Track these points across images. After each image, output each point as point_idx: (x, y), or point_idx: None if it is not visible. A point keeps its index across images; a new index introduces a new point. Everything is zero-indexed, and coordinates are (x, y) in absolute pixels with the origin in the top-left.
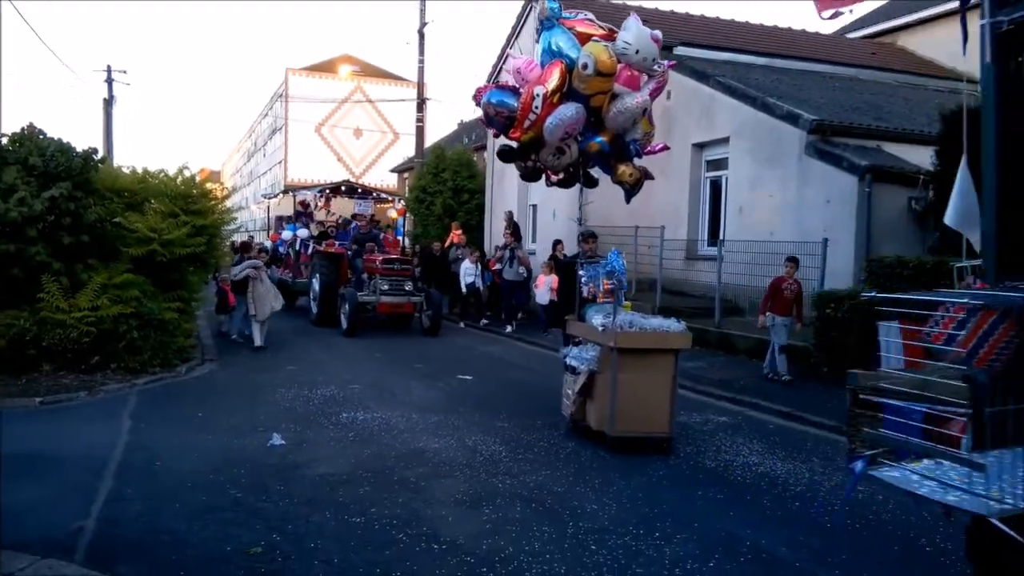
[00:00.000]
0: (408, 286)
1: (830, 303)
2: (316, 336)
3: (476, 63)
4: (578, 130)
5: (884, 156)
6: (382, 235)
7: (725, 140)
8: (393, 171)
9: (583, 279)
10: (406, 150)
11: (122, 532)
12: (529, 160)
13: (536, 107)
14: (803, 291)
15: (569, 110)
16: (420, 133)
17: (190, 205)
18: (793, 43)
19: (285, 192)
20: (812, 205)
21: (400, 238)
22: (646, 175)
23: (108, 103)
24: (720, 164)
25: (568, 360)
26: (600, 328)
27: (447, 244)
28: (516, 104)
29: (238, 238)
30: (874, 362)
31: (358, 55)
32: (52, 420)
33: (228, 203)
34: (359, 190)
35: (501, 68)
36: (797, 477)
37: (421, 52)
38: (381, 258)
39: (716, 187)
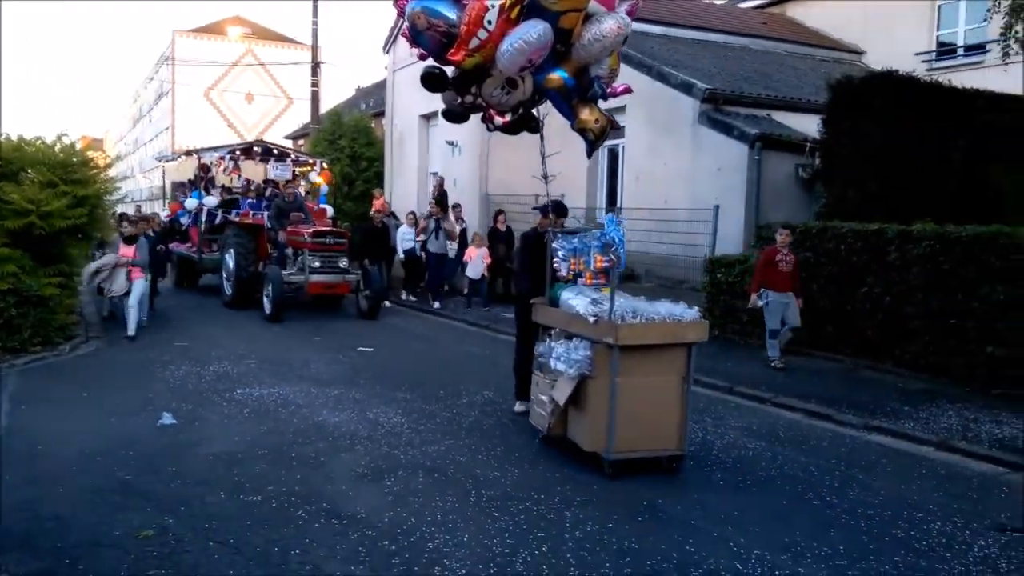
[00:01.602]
0: (343, 263)
1: (721, 268)
2: (228, 319)
3: (373, 25)
4: (542, 58)
5: (773, 124)
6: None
7: (622, 109)
8: (287, 138)
9: (560, 254)
10: (301, 116)
11: (2, 520)
12: (468, 95)
13: (488, 23)
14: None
15: (534, 30)
16: (315, 98)
17: (70, 174)
18: (688, 12)
19: (188, 154)
20: (705, 173)
21: (326, 207)
22: (613, 124)
23: None
24: (617, 132)
25: (553, 362)
26: (592, 319)
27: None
28: (457, 17)
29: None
30: None
31: (249, 17)
32: None
33: (112, 172)
34: (275, 151)
35: (400, 29)
36: (689, 437)
37: (315, 14)
38: (310, 230)
39: (614, 155)
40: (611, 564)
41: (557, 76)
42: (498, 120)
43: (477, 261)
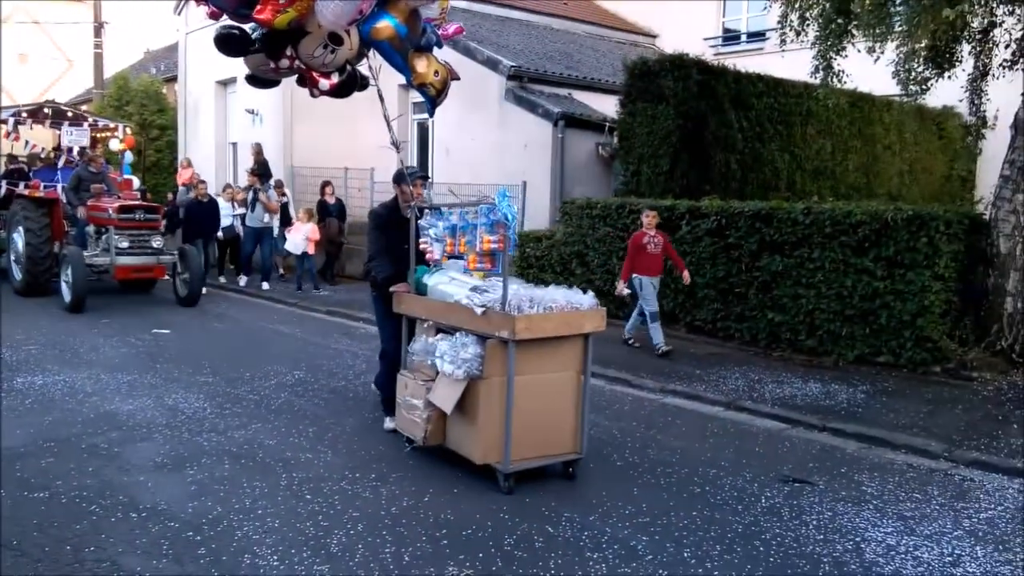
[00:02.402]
0: (157, 242)
1: (530, 242)
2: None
3: None
4: (371, 7)
5: (575, 104)
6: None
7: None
8: (68, 104)
9: (432, 233)
10: (84, 80)
11: None
12: (282, 58)
13: None
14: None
15: None
16: (99, 60)
17: None
18: None
19: None
20: (513, 149)
21: (131, 178)
22: (453, 74)
23: None
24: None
25: (436, 361)
26: (479, 309)
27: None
28: None
29: None
30: None
31: None
32: None
33: None
34: (70, 114)
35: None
36: None
37: None
38: (116, 205)
39: (424, 129)
40: (427, 538)
41: (387, 24)
42: (324, 83)
43: (298, 236)
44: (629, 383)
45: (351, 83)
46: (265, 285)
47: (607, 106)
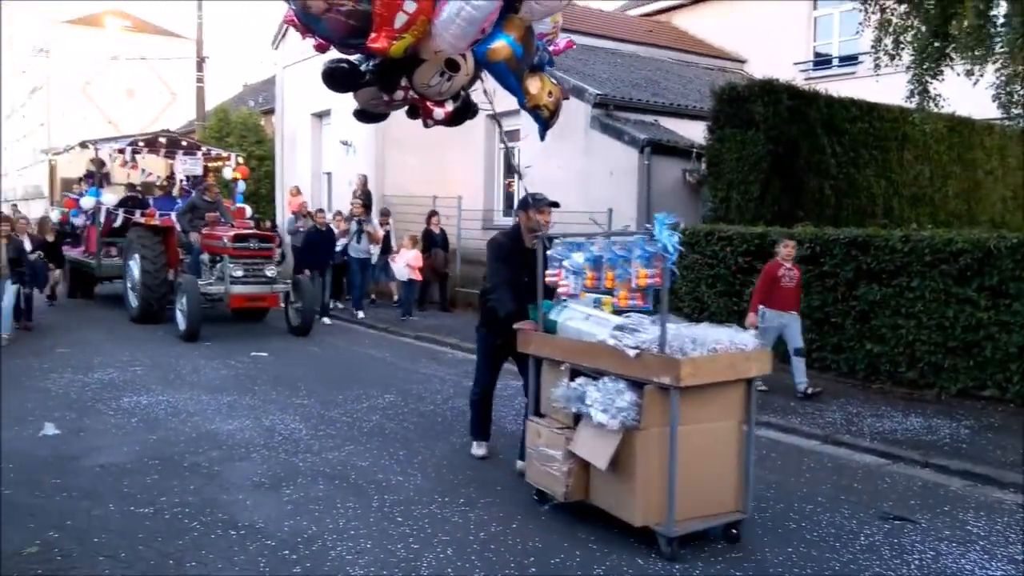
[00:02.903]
0: (270, 271)
1: None
2: (111, 325)
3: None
4: (491, 27)
5: (661, 130)
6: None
7: (517, 112)
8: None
9: (567, 265)
10: (186, 113)
11: None
12: (396, 89)
13: None
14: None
15: None
16: (200, 94)
17: None
18: (578, 19)
19: (83, 146)
20: (598, 176)
21: (244, 206)
22: (564, 94)
23: None
24: (513, 135)
25: (591, 411)
26: (632, 352)
27: (293, 213)
28: None
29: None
30: None
31: (128, 9)
32: None
33: None
34: (184, 143)
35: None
36: None
37: (200, 7)
38: (231, 234)
39: (510, 157)
40: (515, 564)
41: (503, 44)
42: (439, 113)
43: (401, 264)
44: None
45: (465, 110)
46: (360, 313)
47: (694, 132)
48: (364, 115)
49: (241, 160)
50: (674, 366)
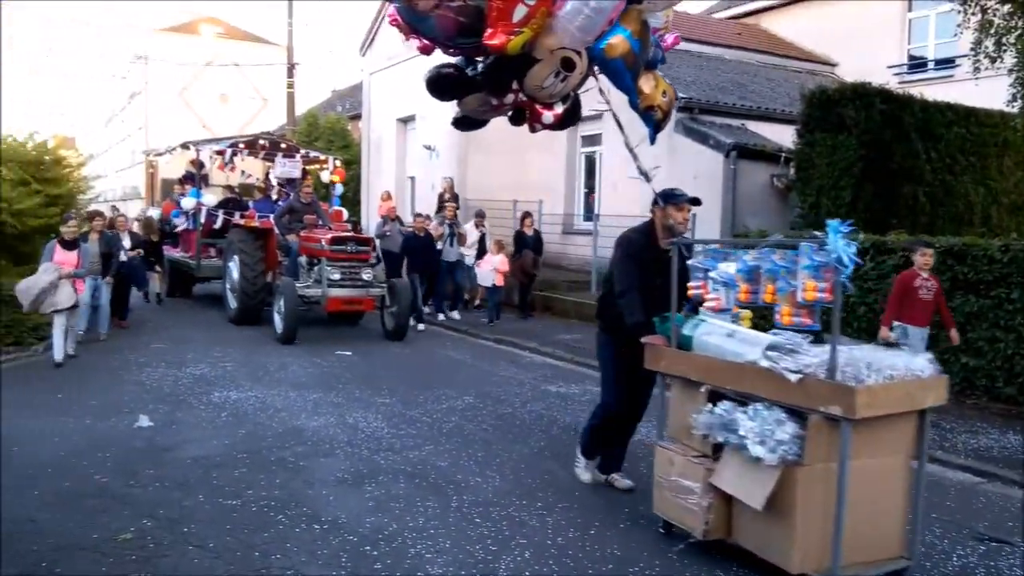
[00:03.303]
0: (367, 274)
1: None
2: (198, 320)
3: (350, 26)
4: (618, 15)
5: (748, 134)
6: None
7: (600, 116)
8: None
9: (715, 276)
10: (276, 117)
11: None
12: (506, 93)
13: None
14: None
15: None
16: (291, 99)
17: (42, 173)
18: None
19: (185, 147)
20: (681, 181)
21: (341, 209)
22: (675, 94)
23: None
24: (595, 140)
25: (747, 443)
26: (793, 376)
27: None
28: None
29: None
30: None
31: (222, 17)
32: None
33: (84, 171)
34: (283, 145)
35: (377, 32)
36: None
37: (290, 14)
38: (329, 236)
39: (591, 162)
40: (593, 571)
41: (621, 39)
42: (548, 116)
43: (488, 269)
44: None
45: (575, 112)
46: (455, 314)
47: (783, 136)
48: (464, 123)
49: (339, 163)
50: (848, 395)
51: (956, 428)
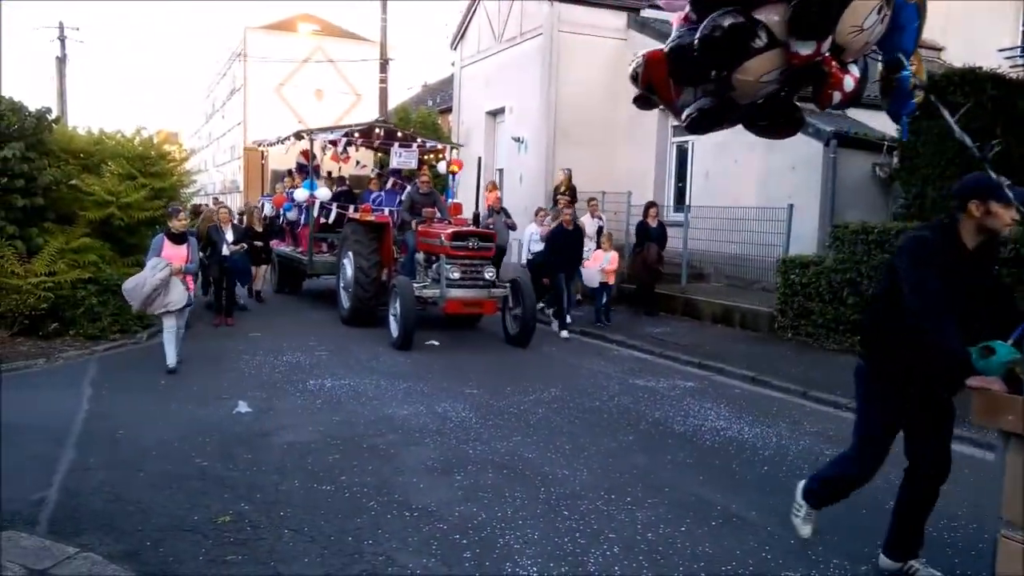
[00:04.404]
0: (489, 273)
1: (795, 268)
2: (298, 312)
3: (441, 21)
4: None
5: (850, 122)
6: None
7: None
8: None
9: None
10: (369, 112)
11: (85, 502)
12: (824, 36)
13: None
14: None
15: None
16: (383, 94)
17: (148, 167)
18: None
19: (299, 137)
20: (778, 171)
21: (459, 202)
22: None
23: (61, 62)
24: (684, 130)
25: None
26: None
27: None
28: None
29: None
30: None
31: (318, 14)
32: (9, 388)
33: (187, 165)
34: (400, 135)
35: (468, 25)
36: (764, 441)
37: (384, 11)
38: (450, 231)
39: (683, 153)
40: (684, 569)
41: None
42: (848, 82)
43: (596, 268)
44: None
45: (864, 80)
46: (565, 333)
47: (886, 124)
48: (705, 120)
49: (456, 153)
50: None
51: None
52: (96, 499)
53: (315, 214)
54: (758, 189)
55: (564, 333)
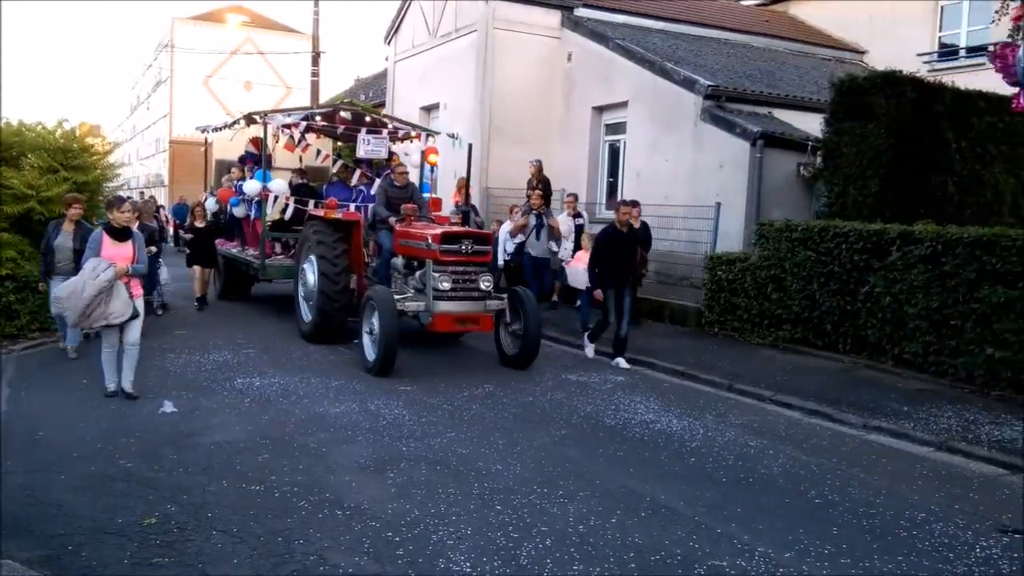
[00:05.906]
0: (485, 282)
1: (722, 265)
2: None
3: (373, 15)
4: None
5: (775, 123)
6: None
7: (624, 104)
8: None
9: None
10: (300, 105)
11: (2, 507)
12: None
13: None
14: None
15: None
16: (315, 88)
17: (70, 160)
18: (690, 9)
19: (249, 121)
20: (706, 170)
21: (437, 197)
22: None
23: None
24: (619, 128)
25: None
26: None
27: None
28: None
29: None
30: None
31: (248, 5)
32: None
33: (111, 159)
34: (367, 119)
35: (402, 20)
36: (692, 433)
37: (316, 3)
38: (438, 232)
39: (615, 151)
40: (615, 559)
41: None
42: None
43: (579, 267)
44: (830, 417)
45: None
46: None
47: (810, 125)
48: None
49: (433, 140)
50: None
51: (979, 420)
52: (14, 503)
53: (269, 209)
54: (687, 188)
55: (622, 362)
